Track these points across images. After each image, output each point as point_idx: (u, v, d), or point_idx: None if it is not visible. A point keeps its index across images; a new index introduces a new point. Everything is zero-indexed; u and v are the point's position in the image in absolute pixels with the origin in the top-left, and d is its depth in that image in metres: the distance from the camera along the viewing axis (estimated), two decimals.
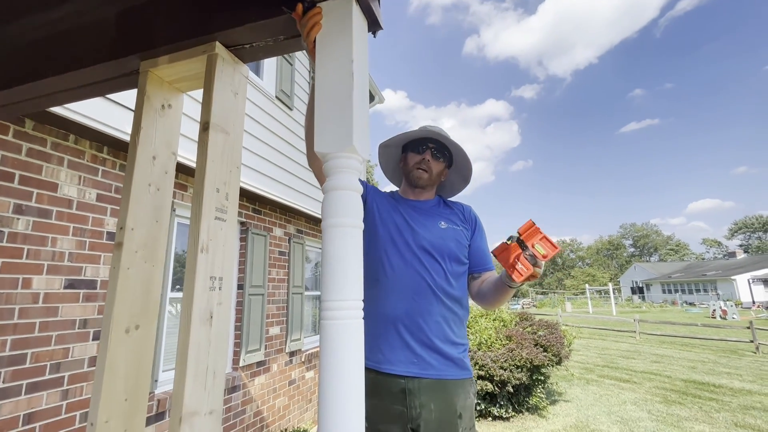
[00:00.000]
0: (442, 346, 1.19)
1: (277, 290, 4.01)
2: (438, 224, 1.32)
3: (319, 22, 0.85)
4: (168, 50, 1.01)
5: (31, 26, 1.19)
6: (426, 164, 1.36)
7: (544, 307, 32.88)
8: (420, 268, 1.24)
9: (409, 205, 1.37)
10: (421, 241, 1.27)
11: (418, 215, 1.34)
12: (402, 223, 1.31)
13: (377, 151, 1.51)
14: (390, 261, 1.26)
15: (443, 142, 1.38)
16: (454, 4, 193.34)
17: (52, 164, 2.02)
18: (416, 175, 1.37)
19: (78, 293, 2.10)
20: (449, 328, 1.22)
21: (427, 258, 1.25)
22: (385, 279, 1.25)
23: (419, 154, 1.38)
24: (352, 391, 0.69)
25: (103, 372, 0.88)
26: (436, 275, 1.24)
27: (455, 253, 1.28)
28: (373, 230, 1.31)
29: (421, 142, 1.38)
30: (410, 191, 1.42)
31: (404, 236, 1.28)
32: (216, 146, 0.93)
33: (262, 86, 3.77)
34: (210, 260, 0.89)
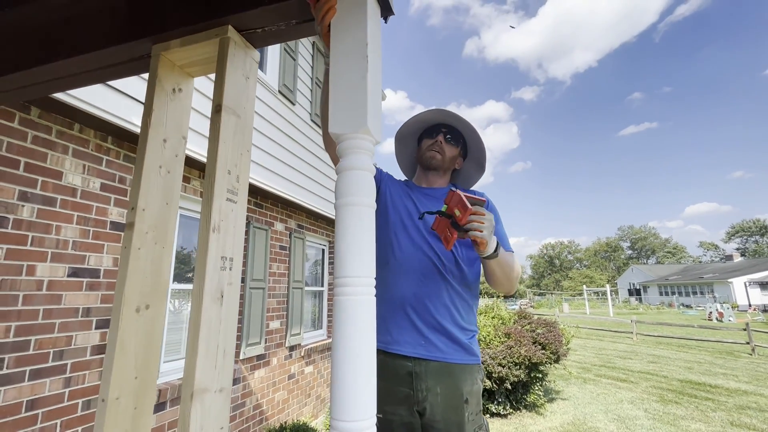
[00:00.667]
0: (450, 329, 1.20)
1: (277, 284, 4.01)
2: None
3: (334, 6, 0.86)
4: (180, 33, 1.02)
5: (41, 9, 1.20)
6: (438, 146, 1.37)
7: (541, 307, 32.96)
8: (429, 251, 1.25)
9: (422, 192, 1.39)
10: (430, 226, 1.28)
11: (429, 202, 1.36)
12: (413, 209, 1.33)
13: (394, 146, 1.53)
14: (399, 244, 1.28)
15: (456, 127, 1.39)
16: (455, 6, 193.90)
17: (57, 152, 2.03)
18: (429, 156, 1.38)
19: (81, 282, 2.10)
20: (457, 312, 1.23)
21: (436, 241, 1.27)
22: (394, 261, 1.26)
23: (432, 138, 1.40)
24: (364, 368, 0.70)
25: (114, 350, 0.89)
26: (445, 259, 1.25)
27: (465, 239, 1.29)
28: (384, 215, 1.33)
29: (435, 129, 1.40)
30: (423, 178, 1.44)
31: (414, 220, 1.30)
32: (228, 128, 0.94)
33: (265, 80, 3.77)
34: (221, 240, 0.90)
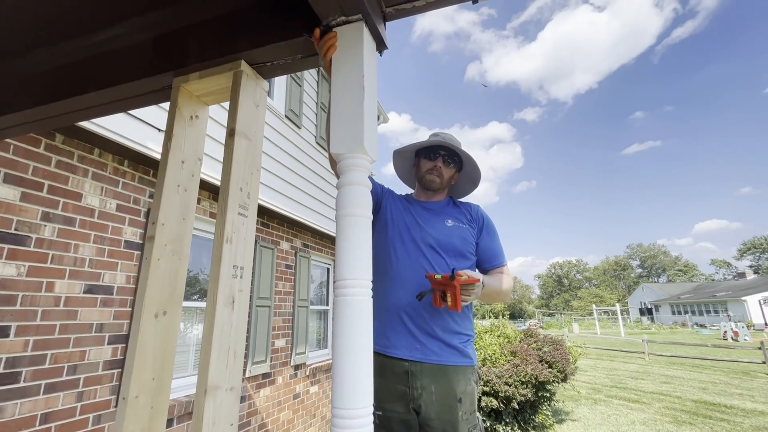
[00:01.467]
0: (443, 335, 1.27)
1: (283, 303, 4.07)
2: (445, 222, 1.42)
3: (335, 44, 0.98)
4: (198, 68, 1.15)
5: (75, 48, 1.34)
6: (438, 171, 1.47)
7: (551, 328, 32.32)
8: (423, 262, 1.34)
9: (420, 206, 1.49)
10: (427, 238, 1.37)
11: (428, 214, 1.45)
12: (411, 222, 1.42)
13: (392, 159, 1.63)
14: (397, 255, 1.37)
15: (453, 148, 1.49)
16: (456, 33, 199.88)
17: (78, 175, 2.16)
18: (429, 179, 1.48)
19: (96, 298, 2.19)
20: (451, 318, 1.30)
21: (432, 253, 1.35)
22: (391, 271, 1.35)
23: (431, 161, 1.49)
24: (363, 360, 0.78)
25: (135, 352, 0.97)
26: (439, 269, 1.33)
27: (459, 249, 1.38)
28: (384, 228, 1.42)
29: (433, 150, 1.50)
30: (422, 194, 1.54)
31: (412, 233, 1.39)
32: (240, 150, 1.05)
33: (272, 106, 3.96)
34: (233, 250, 0.99)
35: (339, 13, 0.96)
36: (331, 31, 0.98)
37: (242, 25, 1.10)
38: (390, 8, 1.06)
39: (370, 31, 1.00)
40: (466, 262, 1.39)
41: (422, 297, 1.25)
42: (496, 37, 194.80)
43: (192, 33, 1.17)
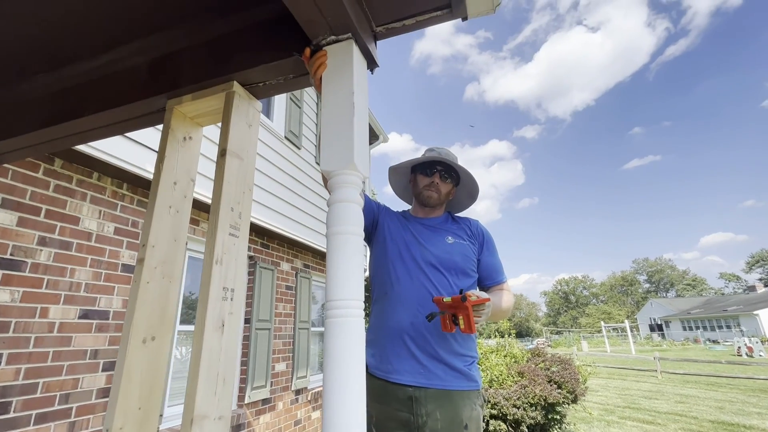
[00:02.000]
0: (448, 358, 1.21)
1: (283, 325, 4.00)
2: (445, 239, 1.38)
3: (325, 62, 0.98)
4: (191, 89, 1.15)
5: (72, 73, 1.36)
6: (435, 186, 1.44)
7: (559, 346, 31.62)
8: (425, 281, 1.29)
9: (419, 223, 1.45)
10: (427, 256, 1.33)
11: (427, 231, 1.41)
12: (411, 240, 1.38)
13: (388, 176, 1.61)
14: (397, 274, 1.32)
15: (450, 164, 1.46)
16: (453, 55, 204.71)
17: (76, 199, 2.16)
18: (426, 195, 1.45)
19: (91, 324, 2.15)
20: (455, 340, 1.25)
21: (433, 272, 1.30)
22: (392, 292, 1.30)
23: (428, 177, 1.46)
24: (355, 387, 0.74)
25: (120, 380, 0.93)
26: (441, 288, 1.28)
27: (461, 266, 1.33)
28: (382, 247, 1.38)
29: (430, 165, 1.47)
30: (420, 210, 1.51)
31: (411, 251, 1.34)
32: (231, 170, 1.04)
33: (272, 127, 4.00)
34: (224, 272, 0.97)
35: (328, 32, 0.97)
36: (321, 50, 0.99)
37: (234, 46, 1.11)
38: (380, 27, 1.06)
39: (360, 49, 1.00)
40: (468, 280, 1.35)
41: (432, 318, 1.20)
42: (493, 59, 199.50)
43: (185, 56, 1.18)
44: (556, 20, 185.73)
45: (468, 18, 1.06)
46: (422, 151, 1.56)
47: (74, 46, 1.31)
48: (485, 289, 1.40)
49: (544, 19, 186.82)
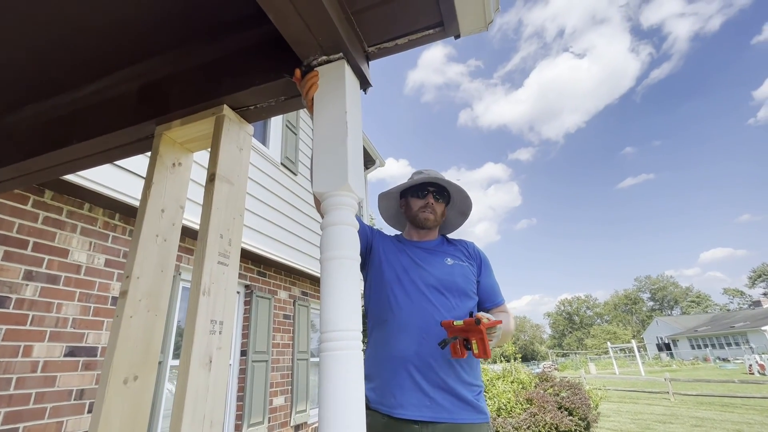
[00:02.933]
0: (455, 387, 1.14)
1: (281, 356, 3.86)
2: (444, 261, 1.34)
3: (317, 83, 0.96)
4: (181, 114, 1.12)
5: (62, 102, 1.34)
6: (431, 207, 1.42)
7: (566, 369, 30.80)
8: (428, 305, 1.23)
9: (415, 246, 1.41)
10: (428, 279, 1.27)
11: (425, 254, 1.36)
12: (408, 263, 1.33)
13: (377, 203, 1.58)
14: (397, 300, 1.25)
15: (440, 183, 1.44)
16: (446, 83, 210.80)
17: (66, 231, 2.11)
18: (423, 217, 1.41)
19: (77, 361, 2.05)
20: (461, 368, 1.18)
21: (435, 294, 1.25)
22: (392, 318, 1.23)
23: (422, 199, 1.43)
24: (353, 425, 0.67)
25: (97, 426, 0.85)
26: (445, 311, 1.22)
27: (463, 287, 1.28)
28: (379, 272, 1.33)
29: (421, 187, 1.45)
30: (415, 233, 1.46)
31: (410, 275, 1.29)
32: (221, 195, 1.00)
33: (268, 154, 4.00)
34: (211, 303, 0.90)
35: (319, 52, 0.95)
36: (313, 71, 0.96)
37: (224, 70, 1.09)
38: (372, 47, 1.05)
39: (353, 69, 0.98)
40: (471, 302, 1.29)
41: (445, 345, 1.12)
42: (485, 86, 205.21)
43: (174, 81, 1.16)
44: (544, 48, 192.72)
45: (461, 36, 1.05)
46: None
47: (66, 75, 1.30)
48: (486, 311, 1.34)
49: (531, 47, 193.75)
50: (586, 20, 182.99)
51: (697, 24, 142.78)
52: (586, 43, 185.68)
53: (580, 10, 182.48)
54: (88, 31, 1.14)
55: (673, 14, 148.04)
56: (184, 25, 1.11)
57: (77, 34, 1.15)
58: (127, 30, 1.13)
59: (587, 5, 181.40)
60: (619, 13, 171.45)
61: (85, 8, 1.08)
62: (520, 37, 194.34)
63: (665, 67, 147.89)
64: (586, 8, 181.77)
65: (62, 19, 1.11)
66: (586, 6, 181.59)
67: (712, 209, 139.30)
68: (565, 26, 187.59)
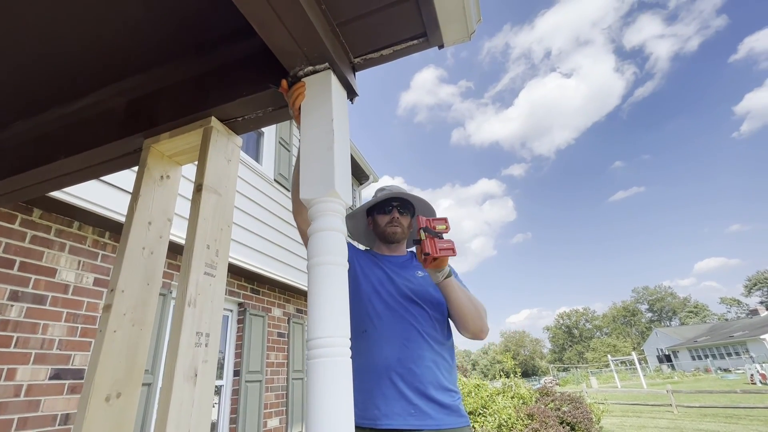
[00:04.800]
0: (436, 394, 1.15)
1: (276, 376, 3.77)
2: (416, 273, 1.39)
3: (303, 92, 0.97)
4: (169, 127, 1.13)
5: (51, 118, 1.34)
6: (396, 221, 1.47)
7: (568, 384, 30.37)
8: (406, 314, 1.26)
9: (387, 260, 1.45)
10: (403, 290, 1.31)
11: (397, 267, 1.41)
12: (383, 276, 1.37)
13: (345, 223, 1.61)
14: (376, 310, 1.28)
15: (403, 197, 1.50)
16: (437, 104, 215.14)
17: (54, 250, 2.08)
18: (390, 232, 1.46)
19: (63, 385, 1.99)
20: (441, 373, 1.20)
21: (412, 305, 1.28)
22: (372, 328, 1.25)
23: (387, 214, 1.49)
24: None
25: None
26: (422, 320, 1.25)
27: (436, 298, 1.31)
28: (356, 284, 1.34)
29: (385, 203, 1.50)
30: (385, 248, 1.51)
31: (386, 287, 1.33)
32: (208, 205, 0.99)
33: (261, 171, 4.01)
34: (197, 315, 0.88)
35: (305, 63, 0.96)
36: (299, 81, 0.98)
37: (211, 82, 1.10)
38: (358, 58, 1.07)
39: (339, 78, 1.00)
40: (443, 313, 1.33)
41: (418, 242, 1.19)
42: (476, 105, 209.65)
43: (162, 95, 1.17)
44: (532, 69, 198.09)
45: (444, 46, 1.07)
46: (414, 193, 1.57)
47: (57, 90, 1.30)
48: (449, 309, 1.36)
49: (520, 68, 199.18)
50: (571, 42, 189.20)
51: (677, 45, 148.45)
52: (573, 63, 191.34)
53: (564, 33, 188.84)
54: (76, 48, 1.15)
55: (653, 36, 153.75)
56: (172, 40, 1.13)
57: (65, 52, 1.16)
58: (115, 46, 1.14)
59: (571, 28, 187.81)
60: (602, 35, 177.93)
61: (72, 26, 1.09)
62: (508, 59, 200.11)
63: (649, 86, 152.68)
64: (571, 31, 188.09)
65: (50, 37, 1.12)
66: (571, 29, 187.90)
67: (702, 220, 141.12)
68: (551, 48, 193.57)
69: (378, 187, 1.62)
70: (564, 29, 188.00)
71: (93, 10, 1.05)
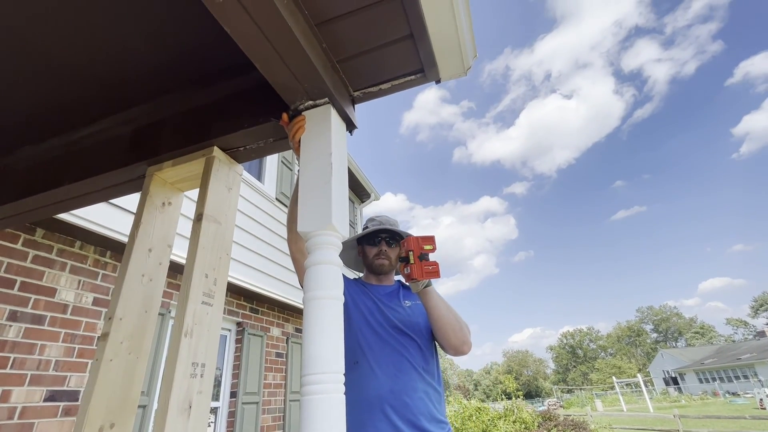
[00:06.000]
0: (429, 426, 1.15)
1: (273, 397, 3.71)
2: (403, 304, 1.40)
3: (303, 126, 1.00)
4: (172, 156, 1.16)
5: (58, 144, 1.38)
6: (384, 254, 1.49)
7: (572, 407, 29.64)
8: (397, 345, 1.26)
9: (375, 290, 1.46)
10: (392, 320, 1.32)
11: (385, 298, 1.42)
12: (372, 306, 1.38)
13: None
14: (367, 341, 1.28)
15: (391, 229, 1.51)
16: (439, 123, 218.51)
17: (55, 269, 2.09)
18: (378, 264, 1.48)
19: (57, 407, 1.97)
20: (432, 404, 1.19)
21: (401, 335, 1.28)
22: (364, 360, 1.25)
23: (375, 246, 1.50)
24: None
25: None
26: (413, 351, 1.26)
27: (424, 327, 1.32)
28: (347, 314, 1.35)
29: (374, 235, 1.52)
30: (374, 278, 1.53)
31: (376, 317, 1.33)
32: (207, 234, 1.01)
33: (263, 189, 4.05)
34: (194, 345, 0.89)
35: (306, 98, 0.99)
36: (300, 115, 1.01)
37: (215, 113, 1.13)
38: (357, 92, 1.10)
39: (338, 112, 1.03)
40: (432, 342, 1.34)
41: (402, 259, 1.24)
42: (477, 125, 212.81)
43: (167, 124, 1.21)
44: (532, 90, 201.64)
45: (441, 81, 1.10)
46: (416, 210, 1.60)
47: (65, 118, 1.34)
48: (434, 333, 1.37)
49: (520, 89, 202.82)
50: (570, 65, 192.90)
51: (674, 68, 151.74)
52: (573, 85, 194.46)
53: (564, 56, 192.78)
54: (84, 79, 1.19)
55: (651, 59, 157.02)
56: (177, 73, 1.17)
57: (74, 82, 1.21)
58: (122, 78, 1.18)
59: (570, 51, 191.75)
60: (601, 59, 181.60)
61: (82, 58, 1.13)
62: (509, 80, 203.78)
63: (648, 107, 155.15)
64: (570, 54, 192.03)
65: (57, 67, 1.17)
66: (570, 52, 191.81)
67: (705, 240, 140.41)
68: (551, 70, 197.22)
69: (379, 206, 1.64)
70: (563, 52, 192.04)
71: (97, 42, 1.10)
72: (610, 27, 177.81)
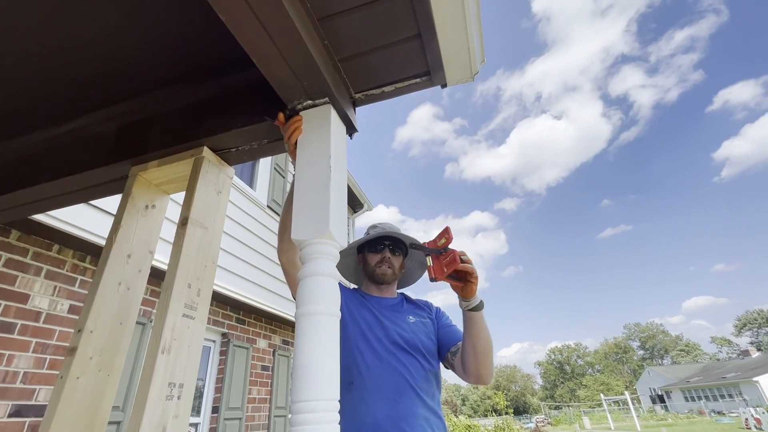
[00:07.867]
0: None
1: (257, 413, 3.56)
2: (407, 319, 1.29)
3: (300, 127, 0.93)
4: (158, 155, 1.08)
5: (36, 140, 1.29)
6: (388, 261, 1.38)
7: (560, 424, 29.45)
8: (397, 364, 1.15)
9: (376, 302, 1.34)
10: (393, 336, 1.20)
11: (386, 311, 1.30)
12: (372, 319, 1.26)
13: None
14: (364, 359, 1.16)
15: (395, 236, 1.40)
16: (432, 140, 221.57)
17: (29, 274, 1.97)
18: (381, 272, 1.37)
19: (23, 423, 1.82)
20: (430, 428, 1.09)
21: (403, 354, 1.17)
22: (360, 380, 1.13)
23: (378, 253, 1.39)
24: None
25: None
26: (415, 372, 1.15)
27: (428, 347, 1.22)
28: (343, 327, 1.23)
29: (377, 241, 1.41)
30: (374, 288, 1.41)
31: (375, 332, 1.22)
32: (192, 241, 0.93)
33: (254, 196, 3.96)
34: (171, 363, 0.80)
35: (305, 97, 0.93)
36: (297, 115, 0.94)
37: (206, 111, 1.06)
38: (359, 94, 1.04)
39: (338, 114, 0.96)
40: (435, 363, 1.24)
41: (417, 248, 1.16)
42: (469, 142, 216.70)
43: (154, 121, 1.13)
44: (523, 110, 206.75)
45: (447, 85, 1.05)
46: (408, 223, 1.53)
47: (44, 113, 1.25)
48: (453, 352, 1.25)
49: (511, 109, 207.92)
50: (560, 87, 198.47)
51: (658, 95, 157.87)
52: (563, 106, 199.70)
53: (554, 79, 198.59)
54: (65, 71, 1.12)
55: (636, 85, 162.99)
56: (168, 67, 1.10)
57: (57, 74, 1.13)
58: (106, 70, 1.11)
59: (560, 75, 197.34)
60: (590, 83, 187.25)
61: (66, 48, 1.06)
62: (500, 100, 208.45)
63: (633, 131, 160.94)
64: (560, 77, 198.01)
65: (39, 60, 1.09)
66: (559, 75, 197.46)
67: (688, 258, 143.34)
68: (541, 92, 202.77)
69: (372, 217, 1.56)
70: (553, 75, 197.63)
71: (84, 32, 1.02)
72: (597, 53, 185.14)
